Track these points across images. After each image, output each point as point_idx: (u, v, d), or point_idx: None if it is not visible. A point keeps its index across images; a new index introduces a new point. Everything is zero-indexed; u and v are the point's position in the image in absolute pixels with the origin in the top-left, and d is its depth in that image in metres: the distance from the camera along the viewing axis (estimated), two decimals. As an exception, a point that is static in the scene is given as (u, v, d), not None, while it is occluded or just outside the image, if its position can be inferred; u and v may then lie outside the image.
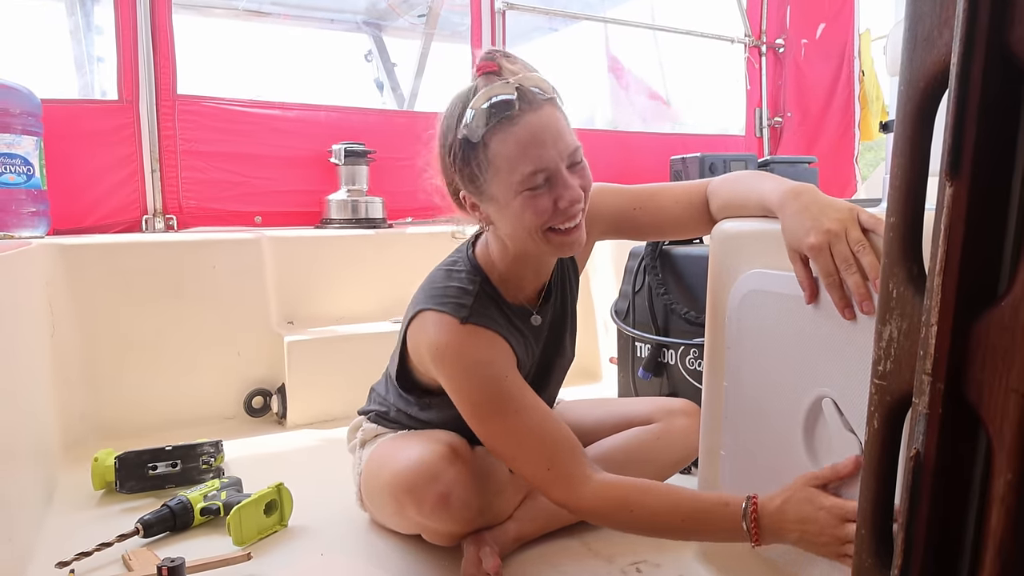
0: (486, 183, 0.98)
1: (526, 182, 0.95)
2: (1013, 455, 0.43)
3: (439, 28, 3.06)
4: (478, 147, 0.96)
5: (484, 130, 0.95)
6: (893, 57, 1.37)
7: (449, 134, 1.00)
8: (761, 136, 3.56)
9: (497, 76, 0.97)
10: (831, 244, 0.81)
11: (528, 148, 0.94)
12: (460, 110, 0.98)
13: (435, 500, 1.06)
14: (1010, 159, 0.45)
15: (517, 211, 0.97)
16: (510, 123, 0.94)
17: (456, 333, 1.02)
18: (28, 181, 1.90)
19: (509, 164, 0.95)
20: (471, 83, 0.99)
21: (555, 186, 0.96)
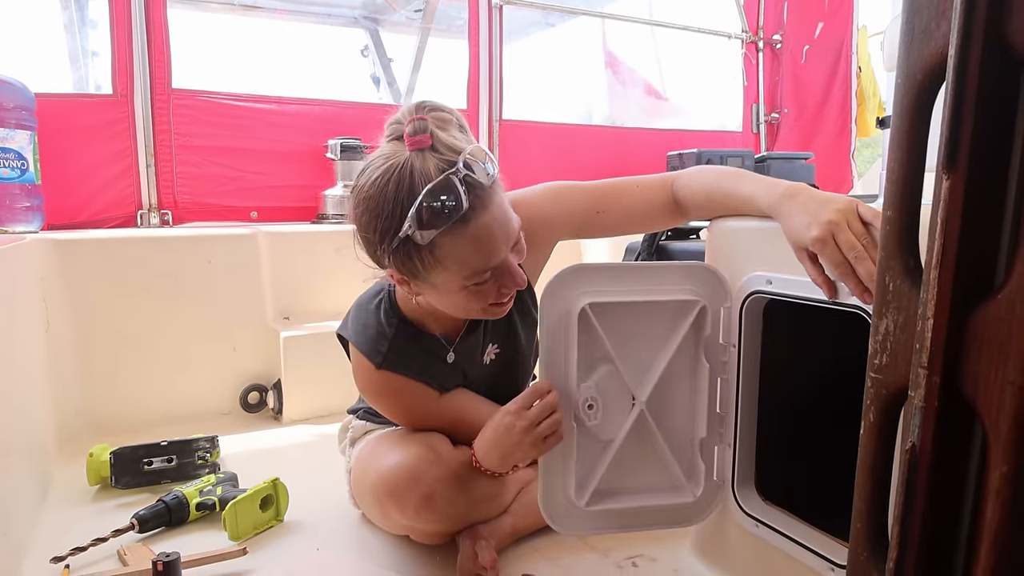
0: (427, 275, 0.95)
1: (474, 279, 0.95)
2: (1009, 448, 0.43)
3: (436, 23, 3.05)
4: (423, 248, 0.91)
5: (434, 234, 0.90)
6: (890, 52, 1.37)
7: (382, 222, 0.92)
8: (758, 132, 3.57)
9: (432, 152, 0.91)
10: (835, 235, 0.81)
11: (481, 249, 0.93)
12: (398, 201, 0.90)
13: (417, 502, 1.06)
14: (1007, 152, 0.45)
15: (458, 300, 0.99)
16: (462, 225, 0.90)
17: (371, 377, 1.10)
18: (22, 176, 1.89)
19: (459, 265, 0.93)
20: (402, 157, 0.91)
21: (501, 276, 0.98)
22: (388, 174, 0.91)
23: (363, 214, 0.95)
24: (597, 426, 1.01)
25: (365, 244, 0.98)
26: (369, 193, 0.93)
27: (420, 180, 0.89)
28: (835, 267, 0.81)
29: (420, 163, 0.90)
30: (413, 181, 0.89)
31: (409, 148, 0.92)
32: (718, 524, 1.10)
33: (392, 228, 0.91)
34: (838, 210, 0.82)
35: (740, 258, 0.99)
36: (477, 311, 1.01)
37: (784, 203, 0.90)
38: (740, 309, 0.99)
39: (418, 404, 1.13)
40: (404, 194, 0.89)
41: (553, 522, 1.02)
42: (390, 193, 0.91)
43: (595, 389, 1.00)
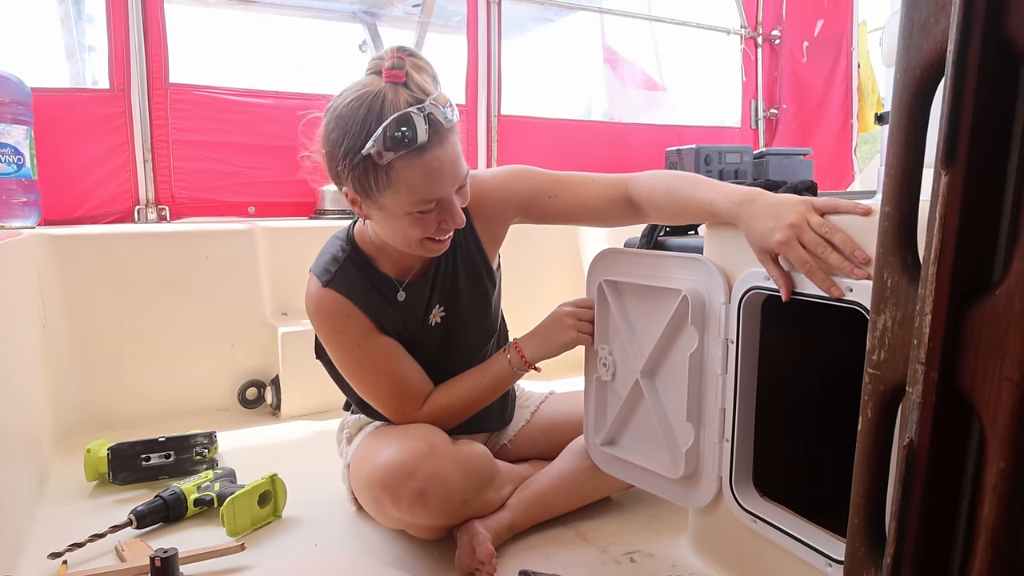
0: (378, 196, 1.02)
1: (419, 206, 1.02)
2: (1006, 443, 0.43)
3: (434, 18, 3.04)
4: (380, 168, 0.99)
5: (392, 156, 0.98)
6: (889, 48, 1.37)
7: (348, 140, 1.00)
8: (756, 128, 3.56)
9: (405, 88, 0.99)
10: (799, 236, 0.87)
11: (430, 180, 1.01)
12: (367, 123, 0.98)
13: (412, 497, 1.07)
14: (1005, 147, 0.45)
15: (401, 225, 1.05)
16: (418, 154, 0.98)
17: (317, 294, 1.16)
18: (18, 171, 1.88)
19: (408, 189, 1.01)
20: (377, 86, 1.00)
21: (443, 210, 1.05)
22: (362, 99, 0.99)
23: (333, 130, 1.03)
24: (611, 382, 1.21)
25: (329, 160, 1.05)
26: (341, 112, 1.01)
27: (389, 108, 0.97)
28: (802, 266, 0.86)
29: (392, 94, 0.98)
30: (383, 108, 0.98)
31: (385, 80, 1.00)
32: (715, 519, 1.11)
33: (356, 146, 0.99)
34: (797, 212, 0.88)
35: (738, 254, 0.99)
36: (417, 242, 1.07)
37: (743, 209, 0.95)
38: (738, 305, 0.99)
39: (355, 333, 1.16)
40: (373, 117, 0.98)
41: (588, 446, 1.28)
42: (360, 114, 0.99)
43: (608, 350, 1.20)
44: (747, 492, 1.04)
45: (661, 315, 1.09)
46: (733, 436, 1.02)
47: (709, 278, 1.03)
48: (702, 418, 1.06)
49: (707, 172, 2.63)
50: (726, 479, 1.05)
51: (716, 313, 1.02)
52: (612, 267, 1.18)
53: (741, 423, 1.02)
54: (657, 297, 1.10)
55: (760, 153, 2.83)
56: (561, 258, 2.48)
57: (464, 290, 1.23)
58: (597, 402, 1.24)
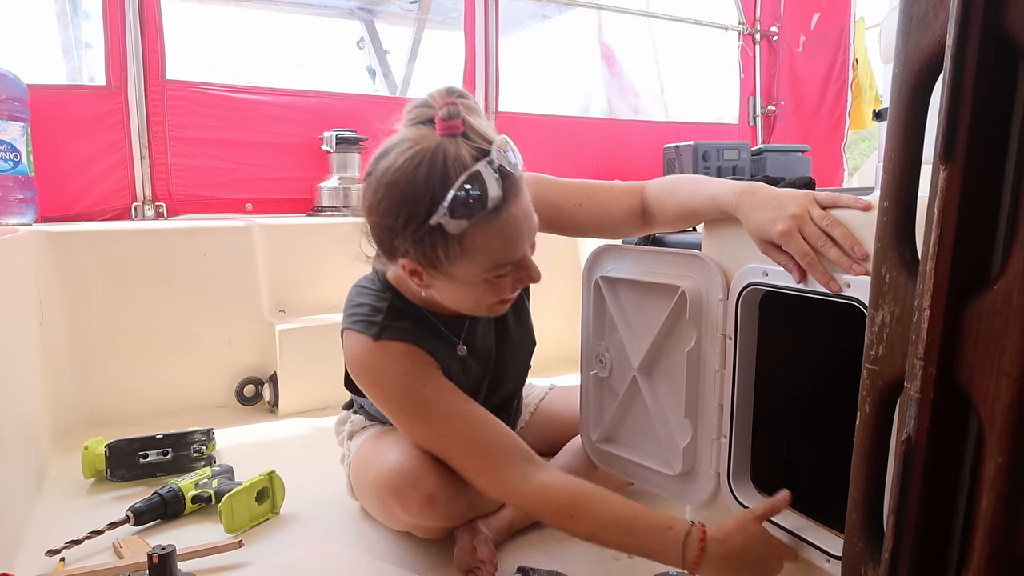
0: (449, 266, 0.92)
1: (496, 271, 0.94)
2: (1004, 439, 0.43)
3: (432, 14, 3.04)
4: (450, 237, 0.88)
5: (466, 224, 0.87)
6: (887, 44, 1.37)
7: (408, 211, 0.88)
8: (754, 125, 3.56)
9: (465, 140, 0.88)
10: (800, 228, 0.85)
11: (510, 242, 0.92)
12: (429, 188, 0.86)
13: (421, 502, 1.06)
14: (1004, 142, 0.45)
15: (475, 292, 0.96)
16: (495, 216, 0.88)
17: (369, 350, 1.03)
18: (15, 168, 1.88)
19: (485, 256, 0.91)
20: (432, 141, 0.88)
21: (519, 269, 0.97)
22: (418, 159, 0.87)
23: (383, 199, 0.90)
24: (608, 379, 1.20)
25: (380, 231, 0.94)
26: (394, 178, 0.88)
27: (454, 167, 0.86)
28: (802, 258, 0.86)
29: (454, 149, 0.87)
30: (447, 167, 0.86)
31: (441, 133, 0.88)
32: (713, 516, 1.11)
33: (420, 215, 0.87)
34: (799, 204, 0.87)
35: (736, 250, 0.99)
36: (486, 306, 0.99)
37: (745, 200, 0.93)
38: (736, 301, 0.99)
39: (419, 372, 1.02)
40: (436, 181, 0.86)
41: (584, 443, 1.27)
42: (420, 179, 0.86)
43: (604, 346, 1.19)
44: (745, 488, 1.04)
45: (658, 312, 1.09)
46: (731, 432, 1.02)
47: (707, 275, 1.03)
48: (700, 414, 1.06)
49: (705, 169, 2.63)
50: (724, 475, 1.05)
51: (714, 309, 1.02)
52: (609, 264, 1.18)
53: (739, 419, 1.02)
54: (654, 294, 1.10)
55: (758, 150, 2.83)
56: (559, 255, 2.48)
57: (510, 319, 1.20)
58: (594, 399, 1.24)
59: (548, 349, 1.39)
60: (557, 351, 1.23)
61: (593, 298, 1.21)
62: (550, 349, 1.47)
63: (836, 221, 0.84)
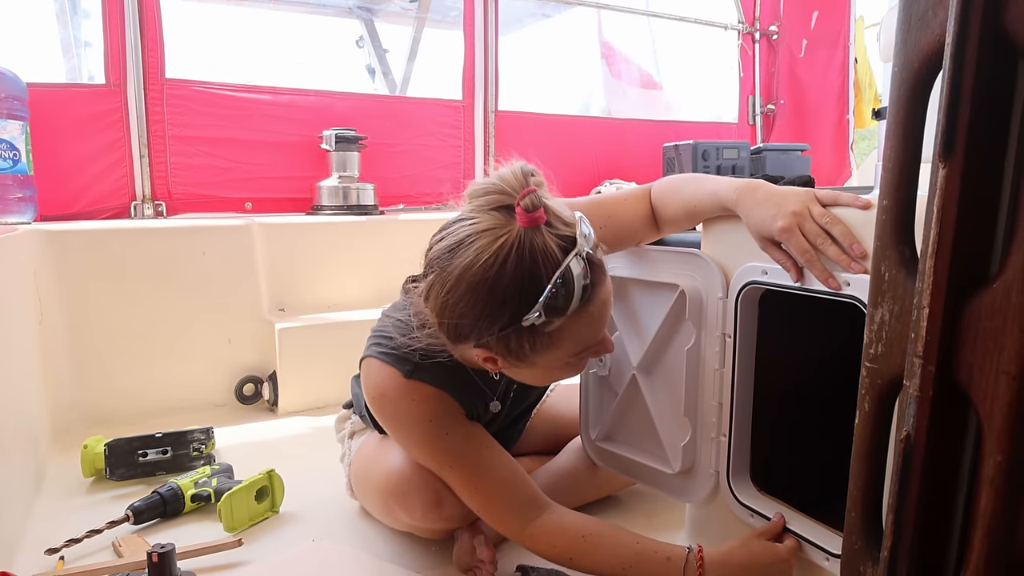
0: (534, 356, 0.88)
1: (581, 355, 0.91)
2: (1003, 437, 0.43)
3: (431, 13, 3.03)
4: (541, 332, 0.84)
5: (562, 320, 0.84)
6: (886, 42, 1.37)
7: (497, 311, 0.83)
8: (754, 124, 3.56)
9: (550, 230, 0.83)
10: (800, 225, 0.86)
11: (596, 328, 0.90)
12: (521, 291, 0.81)
13: (425, 504, 1.06)
14: (1003, 141, 0.45)
15: (553, 374, 0.95)
16: (586, 306, 0.85)
17: (397, 387, 1.00)
18: (14, 166, 1.88)
19: (571, 343, 0.89)
20: (513, 233, 0.82)
21: (598, 346, 0.94)
22: (503, 256, 0.81)
23: (464, 297, 0.84)
24: (607, 377, 1.21)
25: (457, 327, 0.87)
26: (478, 278, 0.82)
27: (545, 263, 0.82)
28: (801, 255, 0.86)
29: (541, 242, 0.82)
30: (536, 264, 0.81)
31: (524, 225, 0.82)
32: (713, 514, 1.11)
33: (510, 314, 0.83)
34: (800, 201, 0.87)
35: (735, 248, 0.99)
36: (555, 380, 0.98)
37: (746, 196, 0.93)
38: (736, 299, 0.99)
39: (444, 421, 1.00)
40: (526, 278, 0.81)
41: (584, 442, 1.28)
42: (507, 278, 0.81)
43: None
44: (744, 487, 1.04)
45: (658, 310, 1.09)
46: (730, 431, 1.03)
47: (706, 273, 1.03)
48: (699, 413, 1.06)
49: (704, 168, 2.63)
50: (723, 474, 1.05)
51: (713, 308, 1.02)
52: (608, 263, 1.18)
53: (738, 418, 1.02)
54: (654, 292, 1.10)
55: (757, 149, 2.83)
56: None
57: None
58: (593, 398, 1.24)
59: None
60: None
61: None
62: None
63: (836, 219, 0.84)
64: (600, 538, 0.98)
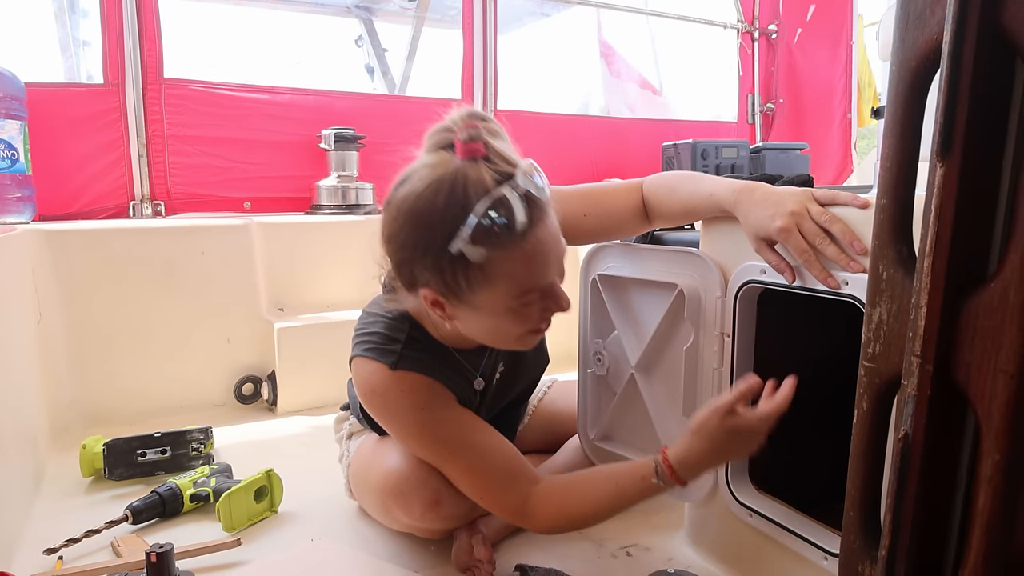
0: (471, 295, 0.88)
1: (522, 299, 0.89)
2: (1001, 436, 0.43)
3: (430, 12, 3.03)
4: (473, 265, 0.84)
5: (488, 251, 0.83)
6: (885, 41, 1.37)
7: (429, 237, 0.85)
8: (753, 123, 3.56)
9: (487, 163, 0.84)
10: (798, 224, 0.86)
11: (535, 268, 0.88)
12: (449, 215, 0.82)
13: (424, 504, 1.06)
14: (1001, 139, 0.45)
15: (502, 323, 0.92)
16: (519, 241, 0.84)
17: (384, 380, 1.00)
18: (12, 166, 1.87)
19: (510, 283, 0.87)
20: (452, 166, 0.84)
21: (547, 297, 0.92)
22: (438, 185, 0.83)
23: (403, 227, 0.87)
24: (605, 377, 1.22)
25: (399, 261, 0.91)
26: (413, 205, 0.85)
27: (475, 192, 0.82)
28: (800, 255, 0.86)
29: (475, 174, 0.83)
30: (467, 193, 0.82)
31: (461, 157, 0.84)
32: (711, 514, 1.11)
33: (439, 243, 0.83)
34: (798, 201, 0.87)
35: (734, 247, 0.99)
36: (513, 338, 0.95)
37: (744, 196, 0.93)
38: (734, 299, 0.99)
39: (435, 407, 1.01)
40: (457, 207, 0.82)
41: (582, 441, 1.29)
42: (440, 205, 0.83)
43: (602, 345, 1.20)
44: (743, 486, 1.04)
45: (656, 310, 1.09)
46: (729, 430, 1.02)
47: (705, 272, 1.03)
48: (698, 412, 1.06)
49: (703, 167, 2.63)
50: (722, 473, 1.05)
51: (711, 307, 1.02)
52: (606, 262, 1.18)
53: (737, 417, 1.02)
54: (652, 292, 1.10)
55: (756, 148, 2.83)
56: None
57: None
58: (592, 397, 1.24)
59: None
60: (555, 349, 1.22)
61: (591, 296, 1.21)
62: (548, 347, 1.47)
63: (835, 217, 0.84)
64: (581, 488, 0.99)
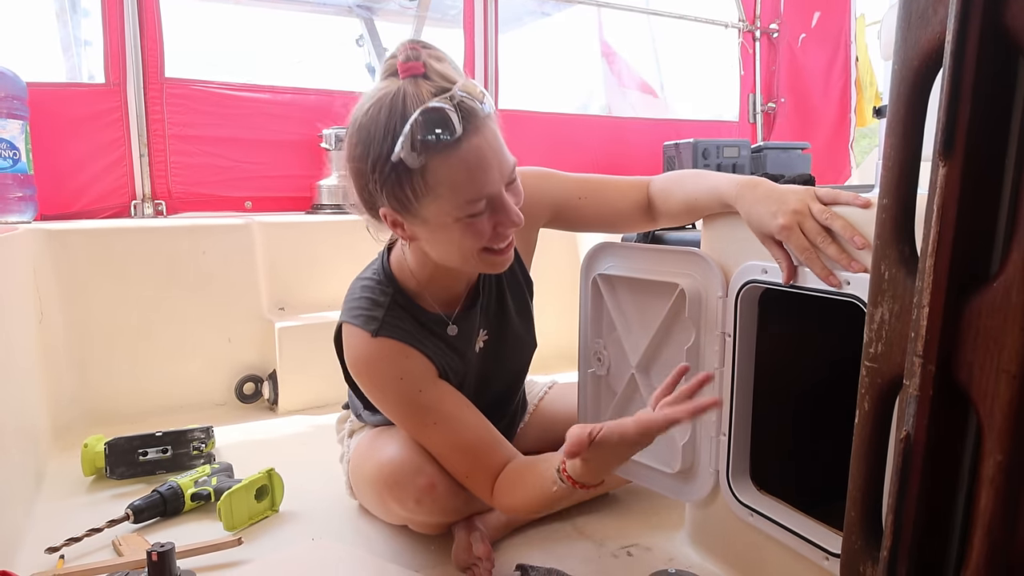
0: (419, 207, 0.91)
1: (467, 208, 0.91)
2: (1003, 436, 0.43)
3: (431, 12, 3.03)
4: (414, 172, 0.88)
5: (424, 157, 0.87)
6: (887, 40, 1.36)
7: (374, 149, 0.89)
8: (754, 122, 3.55)
9: (426, 80, 0.89)
10: (800, 223, 0.86)
11: (474, 174, 0.89)
12: (390, 126, 0.87)
13: (418, 494, 1.06)
14: (1003, 139, 0.45)
15: (454, 236, 0.93)
16: (455, 147, 0.87)
17: (367, 346, 1.03)
18: (14, 165, 1.87)
19: (451, 191, 0.89)
20: (395, 86, 0.89)
21: (496, 210, 0.93)
22: (381, 102, 0.89)
23: (356, 144, 0.92)
24: (605, 377, 1.21)
25: (357, 179, 0.95)
26: (361, 122, 0.91)
27: (412, 104, 0.87)
28: (801, 252, 0.86)
29: (413, 89, 0.88)
30: (405, 105, 0.87)
31: (402, 76, 0.89)
32: (712, 514, 1.11)
33: (383, 154, 0.88)
34: (800, 199, 0.87)
35: (735, 247, 0.99)
36: (475, 254, 0.95)
37: (746, 192, 0.94)
38: (735, 298, 0.99)
39: (417, 379, 1.03)
40: (396, 118, 0.87)
41: None
42: (382, 119, 0.88)
43: (602, 344, 1.20)
44: (744, 486, 1.04)
45: (657, 309, 1.09)
46: (730, 430, 1.02)
47: (706, 272, 1.03)
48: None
49: (704, 166, 2.63)
50: (723, 473, 1.05)
51: (713, 307, 1.02)
52: (607, 261, 1.18)
53: (738, 417, 1.02)
54: (653, 291, 1.10)
55: (758, 147, 2.83)
56: (557, 252, 2.47)
57: (511, 308, 1.18)
58: (592, 397, 1.24)
59: (546, 346, 1.39)
60: (555, 348, 1.23)
61: (591, 296, 1.20)
62: (548, 346, 1.46)
63: (836, 215, 0.84)
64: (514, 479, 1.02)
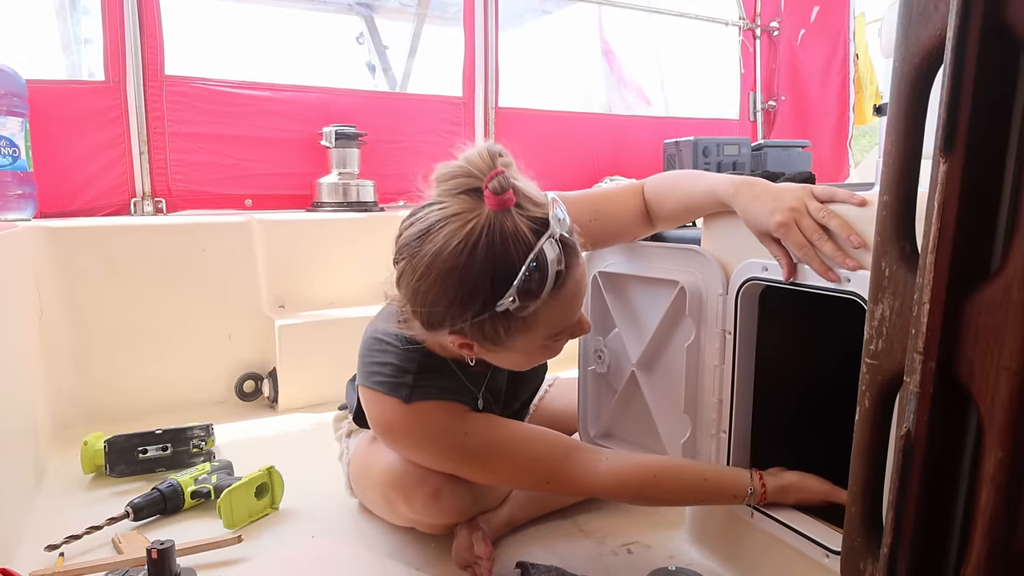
0: (509, 340, 0.87)
1: (556, 337, 0.91)
2: (1004, 433, 0.43)
3: (431, 10, 3.03)
4: (515, 316, 0.83)
5: (532, 304, 0.82)
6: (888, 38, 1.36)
7: (469, 298, 0.82)
8: (755, 120, 3.55)
9: (520, 212, 0.82)
10: (797, 220, 0.86)
11: (570, 308, 0.89)
12: (493, 276, 0.80)
13: (426, 497, 1.06)
14: (1004, 136, 0.45)
15: (531, 357, 0.94)
16: (560, 287, 0.84)
17: (402, 414, 0.98)
18: (14, 163, 1.87)
19: (547, 325, 0.88)
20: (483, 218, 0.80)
21: (574, 328, 0.94)
22: (473, 241, 0.80)
23: (436, 285, 0.83)
24: (606, 374, 1.22)
25: (430, 315, 0.87)
26: (447, 263, 0.81)
27: (517, 247, 0.80)
28: (799, 250, 0.87)
29: (511, 226, 0.80)
30: (507, 248, 0.80)
31: (492, 208, 0.81)
32: (712, 511, 1.11)
33: (483, 300, 0.82)
34: (796, 197, 0.88)
35: (736, 244, 0.99)
36: (533, 364, 0.97)
37: (743, 191, 0.94)
38: (736, 296, 0.99)
39: (457, 423, 0.98)
40: (498, 264, 0.80)
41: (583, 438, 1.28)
42: (479, 262, 0.80)
43: (603, 342, 1.20)
44: (744, 484, 1.04)
45: (657, 307, 1.09)
46: (730, 428, 1.02)
47: (706, 269, 1.03)
48: (699, 410, 1.06)
49: (705, 164, 2.62)
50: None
51: (713, 304, 1.02)
52: (607, 259, 1.18)
53: (738, 415, 1.02)
54: (653, 289, 1.10)
55: (758, 145, 2.82)
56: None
57: None
58: (592, 394, 1.24)
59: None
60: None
61: (592, 293, 1.20)
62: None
63: (832, 213, 0.84)
64: (669, 478, 1.00)
